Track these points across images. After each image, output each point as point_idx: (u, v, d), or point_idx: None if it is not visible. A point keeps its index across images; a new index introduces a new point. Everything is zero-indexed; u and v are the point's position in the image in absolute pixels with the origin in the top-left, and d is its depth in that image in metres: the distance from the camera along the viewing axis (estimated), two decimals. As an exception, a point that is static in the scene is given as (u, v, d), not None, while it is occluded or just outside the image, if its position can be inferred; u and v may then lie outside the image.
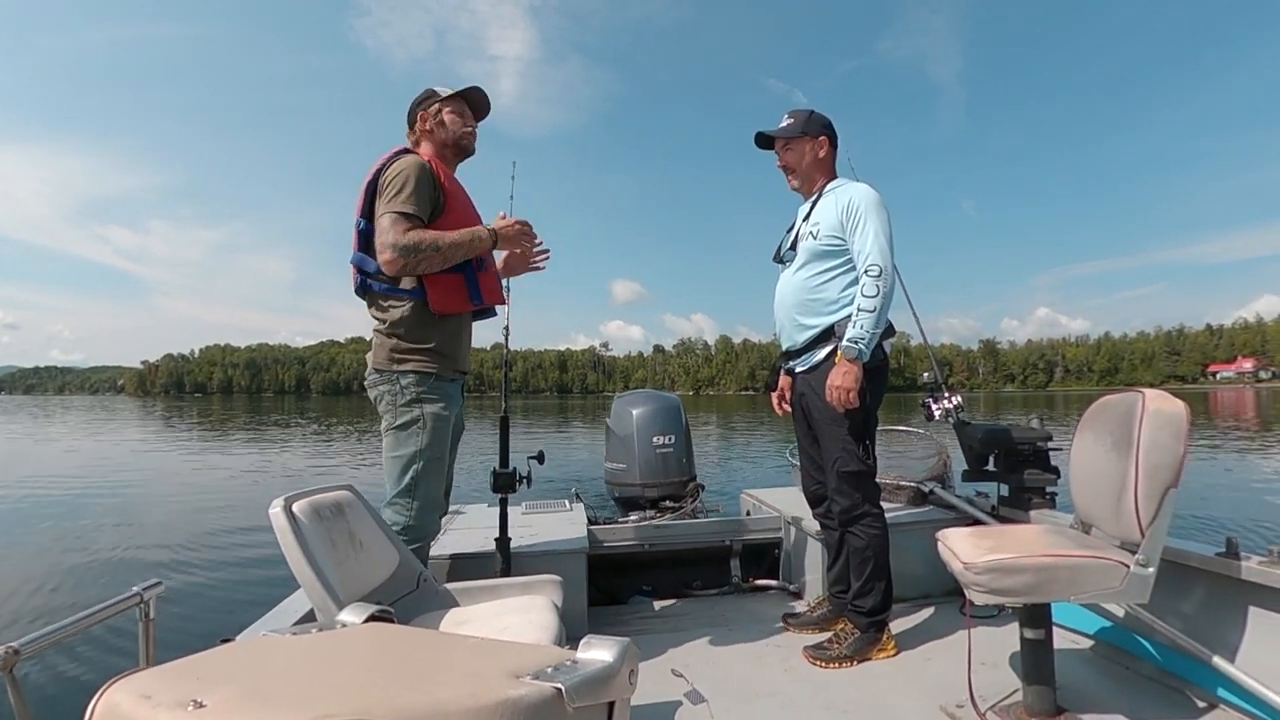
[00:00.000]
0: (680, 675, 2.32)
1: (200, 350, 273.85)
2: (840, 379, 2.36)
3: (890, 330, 2.52)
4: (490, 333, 2.74)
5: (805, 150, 2.66)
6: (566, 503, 3.77)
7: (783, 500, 3.61)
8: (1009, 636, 2.34)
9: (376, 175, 2.18)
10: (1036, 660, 1.96)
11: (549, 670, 0.70)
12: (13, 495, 9.85)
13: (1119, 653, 2.36)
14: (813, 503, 2.81)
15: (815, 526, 2.89)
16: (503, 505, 2.68)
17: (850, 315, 2.41)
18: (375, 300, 2.24)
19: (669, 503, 4.39)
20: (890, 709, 2.09)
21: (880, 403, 2.56)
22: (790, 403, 2.79)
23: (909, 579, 2.94)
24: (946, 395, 3.13)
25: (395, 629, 1.01)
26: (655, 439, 4.50)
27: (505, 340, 2.78)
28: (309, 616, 1.81)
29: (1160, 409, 1.81)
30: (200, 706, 0.62)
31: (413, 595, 1.95)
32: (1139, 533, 1.79)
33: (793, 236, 2.70)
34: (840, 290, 2.51)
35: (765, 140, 2.72)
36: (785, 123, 2.67)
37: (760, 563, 3.53)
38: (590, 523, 3.39)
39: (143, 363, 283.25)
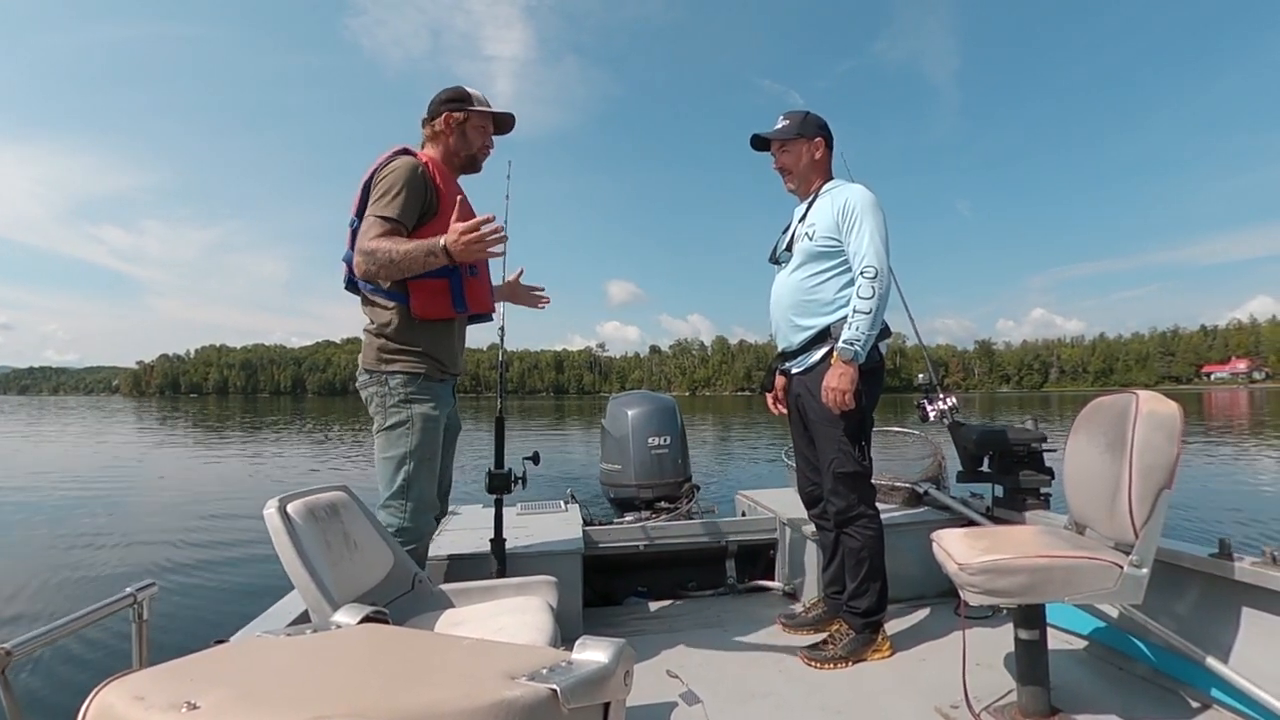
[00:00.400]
0: (675, 676, 2.32)
1: (195, 351, 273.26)
2: (836, 380, 2.36)
3: (886, 331, 2.53)
4: (486, 333, 2.74)
5: (801, 152, 2.65)
6: (562, 503, 3.77)
7: (778, 501, 3.61)
8: (1004, 637, 2.35)
9: (373, 174, 2.16)
10: (1031, 661, 1.96)
11: (544, 671, 0.70)
12: (6, 495, 9.81)
13: (1113, 653, 2.37)
14: (808, 503, 2.81)
15: (811, 527, 2.90)
16: (498, 506, 2.67)
17: (846, 316, 2.42)
18: (364, 299, 2.24)
19: (664, 503, 4.38)
20: (885, 710, 2.10)
21: (876, 404, 2.57)
22: (786, 403, 2.79)
23: (904, 580, 2.94)
24: (941, 396, 3.13)
25: (390, 630, 1.01)
26: (650, 440, 4.50)
27: (501, 341, 2.78)
28: (303, 617, 1.81)
29: (1154, 410, 1.82)
30: (194, 708, 0.61)
31: (407, 596, 1.94)
32: (1133, 534, 1.80)
33: (789, 237, 2.70)
34: (836, 291, 2.51)
35: (761, 142, 2.72)
36: (781, 124, 2.67)
37: (755, 563, 3.53)
38: (585, 523, 3.38)
39: (138, 363, 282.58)
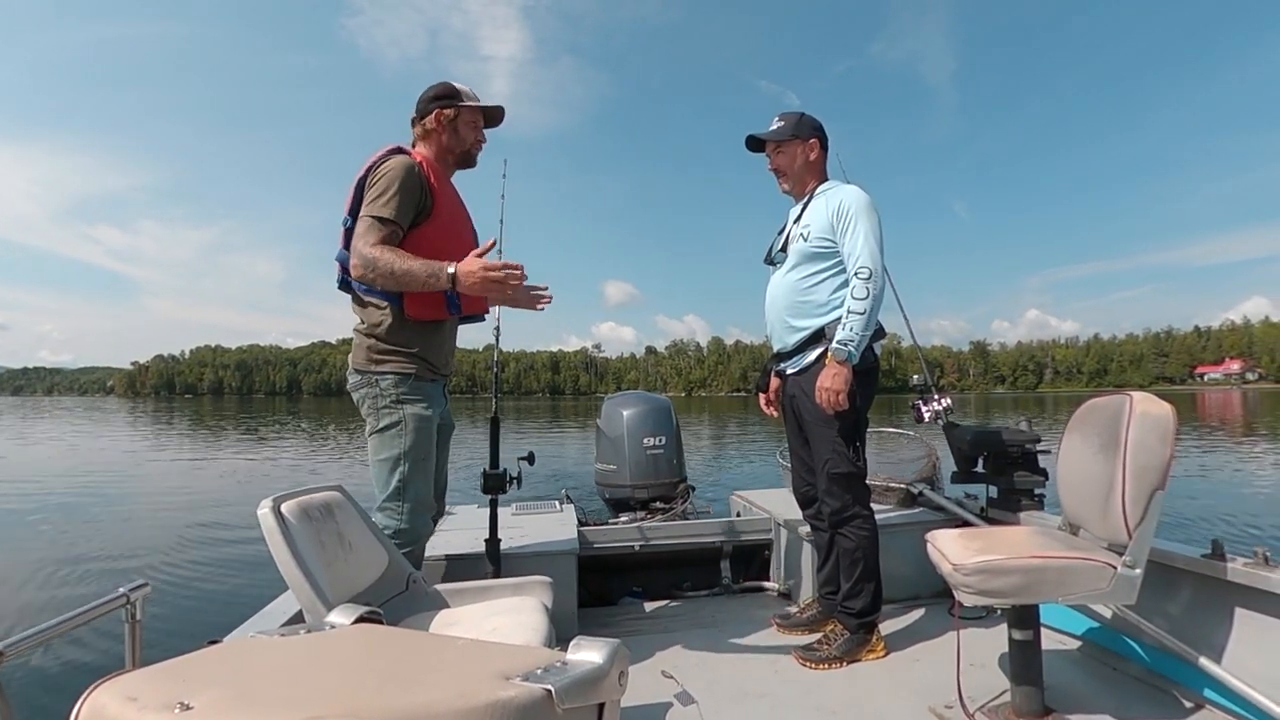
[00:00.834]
0: (670, 677, 2.32)
1: (191, 351, 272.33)
2: (830, 381, 2.36)
3: (881, 332, 2.53)
4: (482, 334, 2.74)
5: (796, 153, 2.66)
6: (557, 504, 3.76)
7: (773, 501, 3.62)
8: (997, 637, 2.36)
9: (367, 173, 2.14)
10: (1025, 661, 1.97)
11: (539, 672, 0.70)
12: (-2, 496, 9.77)
13: (1106, 653, 2.37)
14: (803, 504, 2.81)
15: (805, 528, 2.90)
16: (493, 506, 2.67)
17: (840, 317, 2.42)
18: (356, 299, 2.22)
19: (659, 504, 4.39)
20: (880, 710, 2.10)
21: (870, 405, 2.57)
22: (781, 404, 2.80)
23: (898, 580, 2.95)
24: (936, 397, 3.14)
25: (384, 630, 1.01)
26: (646, 440, 4.50)
27: (496, 341, 2.77)
28: (297, 618, 1.80)
29: (1147, 411, 1.83)
30: (187, 709, 0.61)
31: (402, 596, 1.94)
32: (1126, 534, 1.81)
33: (783, 238, 2.70)
34: (831, 292, 2.52)
35: (756, 143, 2.72)
36: (776, 125, 2.67)
37: (750, 564, 3.54)
38: (580, 524, 3.39)
39: (133, 364, 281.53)
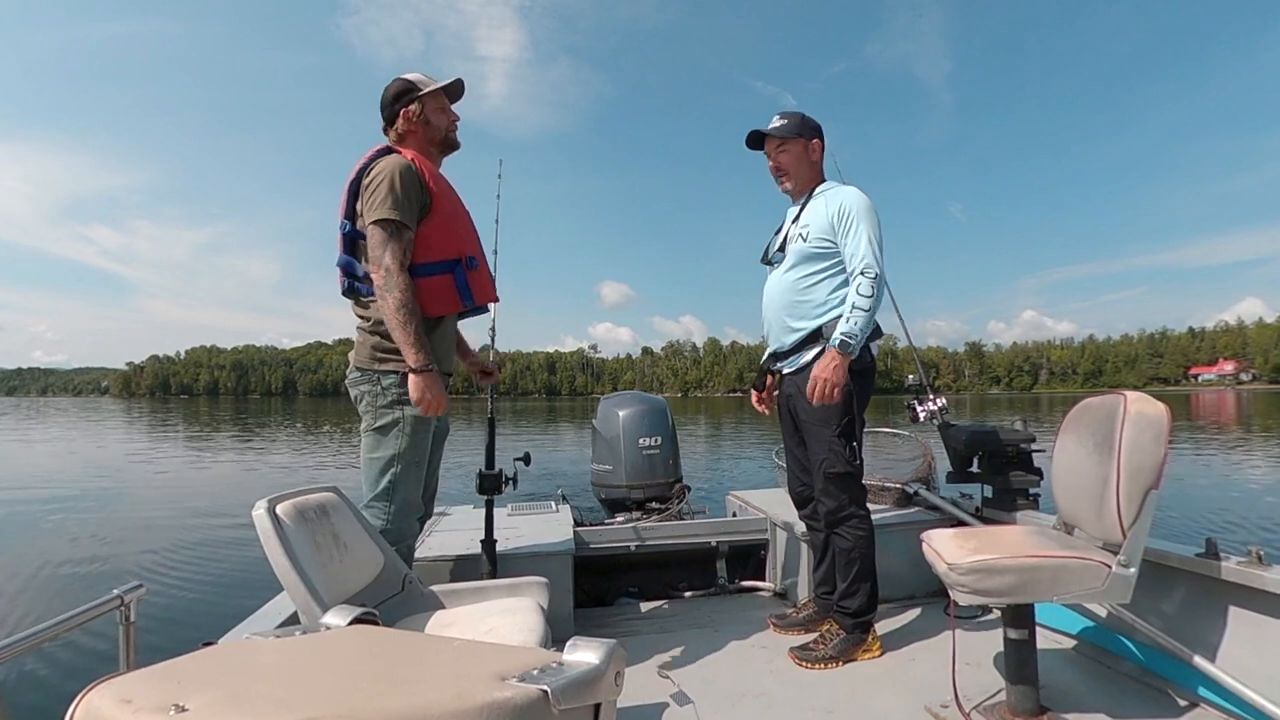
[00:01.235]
0: (666, 677, 2.32)
1: (186, 352, 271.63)
2: (827, 371, 2.34)
3: (878, 332, 2.53)
4: (478, 334, 2.73)
5: (799, 152, 2.64)
6: (553, 504, 3.77)
7: (768, 501, 3.62)
8: (993, 637, 2.36)
9: (359, 175, 2.12)
10: (1020, 660, 1.97)
11: (535, 672, 0.70)
12: (-9, 497, 9.72)
13: (1101, 652, 2.38)
14: (799, 504, 2.81)
15: (801, 528, 2.90)
16: (489, 507, 2.67)
17: (838, 317, 2.41)
18: (361, 300, 2.20)
19: (655, 504, 4.38)
20: (876, 709, 2.10)
21: (867, 404, 2.57)
22: (776, 403, 2.79)
23: (894, 580, 2.95)
24: (931, 398, 3.15)
25: (380, 631, 1.01)
26: (641, 440, 4.50)
27: (491, 342, 2.77)
28: (292, 619, 1.80)
29: (1141, 411, 1.84)
30: (182, 711, 0.61)
31: (398, 597, 1.94)
32: (1121, 533, 1.81)
33: (782, 238, 2.69)
34: (829, 292, 2.51)
35: (756, 140, 2.70)
36: (778, 123, 2.64)
37: (746, 564, 3.54)
38: (576, 524, 3.39)
39: (128, 364, 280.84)
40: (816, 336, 2.52)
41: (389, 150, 2.18)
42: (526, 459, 2.79)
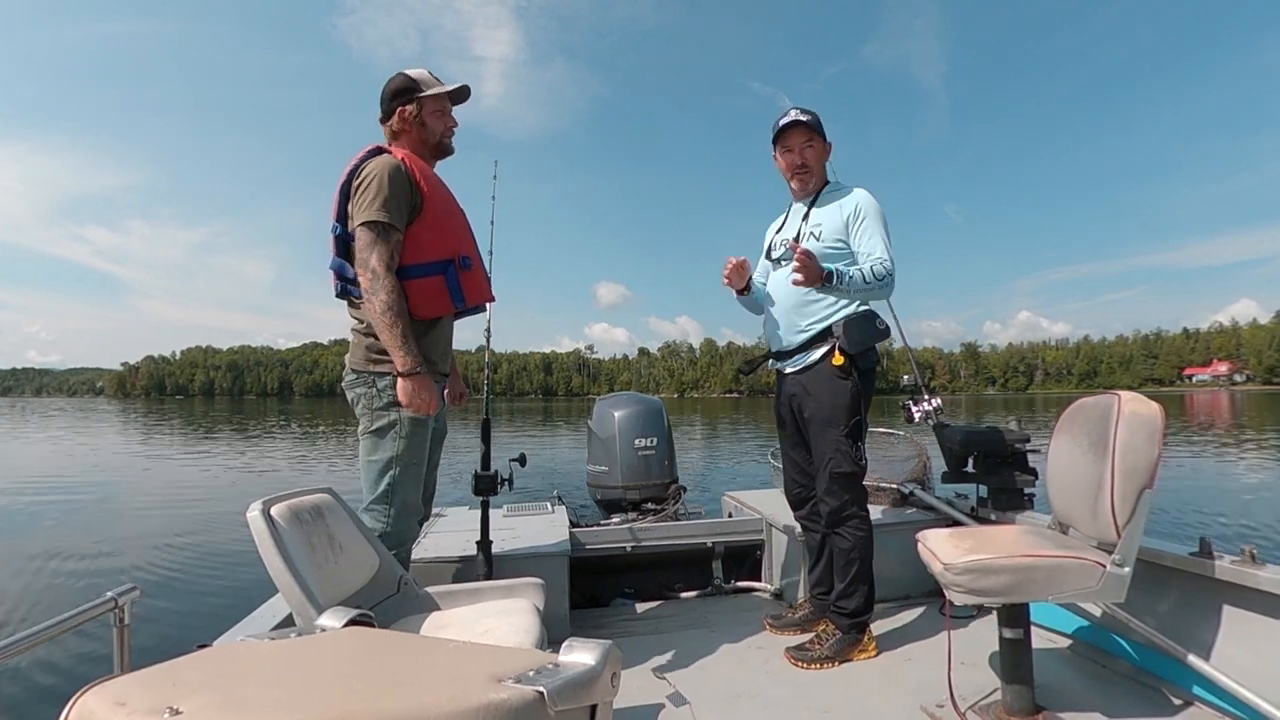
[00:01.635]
0: (662, 678, 2.32)
1: (181, 352, 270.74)
2: (811, 267, 2.27)
3: (885, 333, 2.52)
4: (473, 335, 2.73)
5: (822, 150, 2.63)
6: (548, 505, 3.76)
7: (764, 502, 3.62)
8: (988, 636, 2.36)
9: (350, 177, 2.10)
10: (1015, 660, 1.98)
11: (531, 674, 0.70)
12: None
13: (1096, 652, 2.39)
14: (795, 505, 2.81)
15: (797, 528, 2.90)
16: (484, 508, 2.67)
17: (847, 317, 2.43)
18: (354, 302, 2.18)
19: (651, 505, 4.39)
20: (872, 709, 2.10)
21: (870, 405, 2.56)
22: (776, 404, 2.77)
23: (889, 580, 2.96)
24: (927, 398, 3.15)
25: (375, 633, 1.01)
26: (637, 441, 4.50)
27: (487, 342, 2.77)
28: (287, 621, 1.80)
29: (1136, 411, 1.84)
30: (176, 714, 0.61)
31: (393, 599, 1.94)
32: (1115, 533, 1.82)
33: (793, 235, 2.63)
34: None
35: (782, 131, 2.60)
36: (805, 117, 2.57)
37: (742, 564, 3.54)
38: (572, 525, 3.38)
39: (123, 364, 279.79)
40: (825, 335, 2.50)
41: (380, 150, 2.16)
42: (522, 460, 2.79)
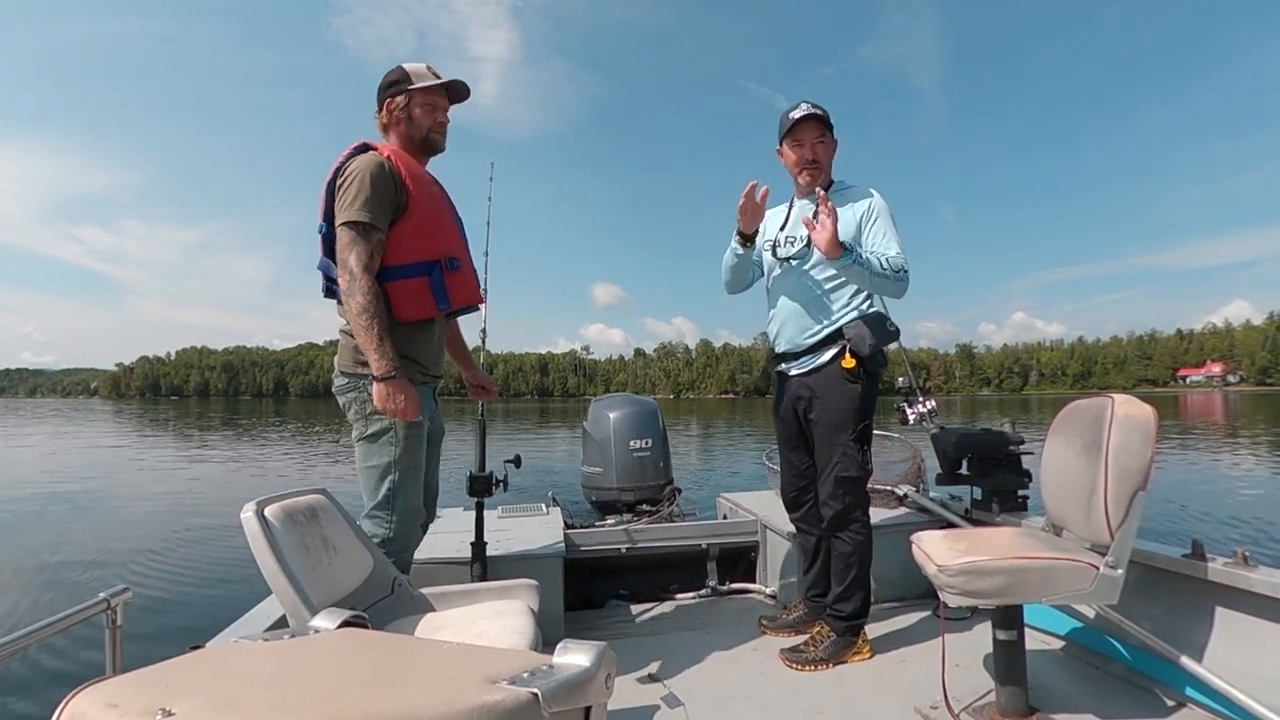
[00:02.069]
0: (657, 679, 2.32)
1: (176, 353, 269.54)
2: (829, 235, 2.23)
3: (896, 334, 2.50)
4: (469, 335, 2.72)
5: (832, 147, 2.61)
6: (543, 506, 3.76)
7: (759, 503, 3.62)
8: (982, 638, 2.37)
9: (335, 175, 2.05)
10: (1009, 661, 1.98)
11: (525, 675, 0.70)
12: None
13: (1090, 653, 2.39)
14: (790, 507, 2.79)
15: (791, 530, 2.90)
16: (479, 509, 2.66)
17: (858, 318, 2.43)
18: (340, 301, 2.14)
19: (646, 506, 4.39)
20: (866, 711, 2.11)
21: (875, 408, 2.55)
22: (777, 404, 2.73)
23: (884, 582, 2.96)
24: (921, 400, 3.16)
25: (369, 635, 1.01)
26: (632, 443, 4.50)
27: (483, 343, 2.77)
28: (281, 622, 1.79)
29: (1129, 414, 1.85)
30: (169, 715, 0.61)
31: (387, 600, 1.93)
32: (1108, 535, 1.82)
33: (803, 234, 2.54)
34: (852, 294, 2.50)
35: (793, 125, 2.54)
36: (818, 112, 2.52)
37: (737, 566, 3.54)
38: (567, 526, 3.38)
39: (117, 365, 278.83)
40: (836, 336, 2.48)
41: (366, 148, 2.11)
42: (517, 461, 2.79)
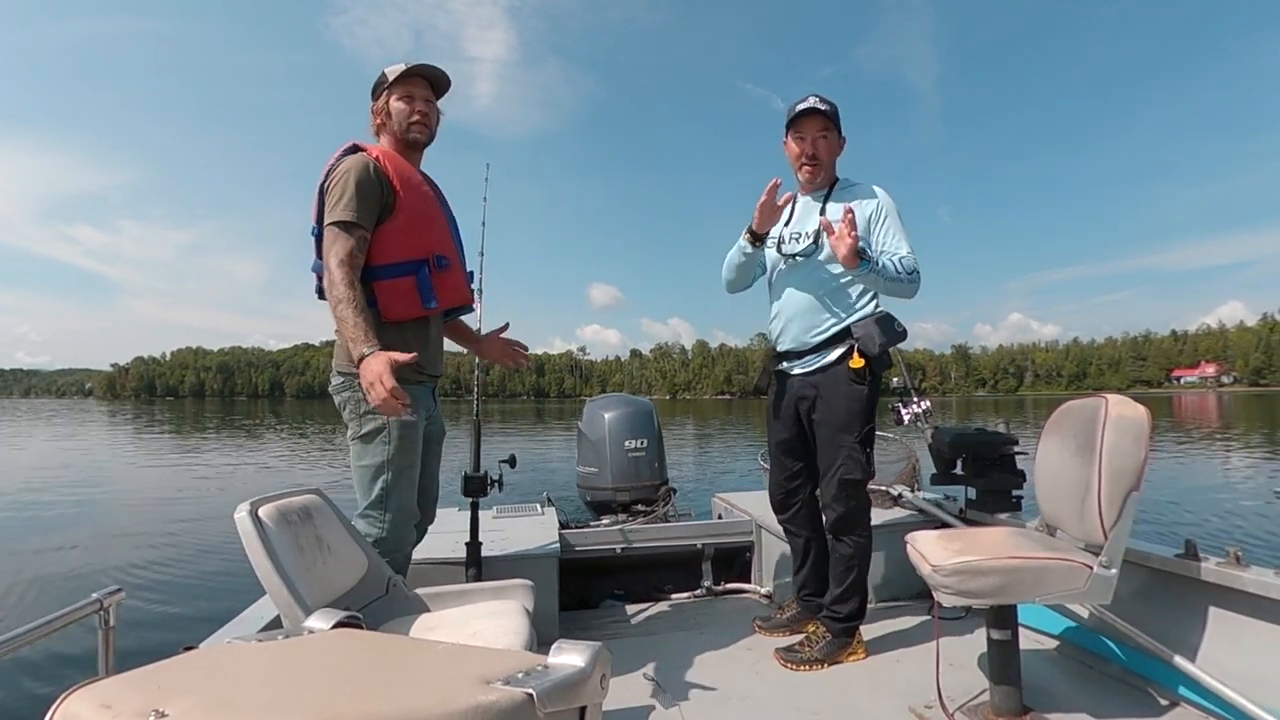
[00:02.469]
0: (652, 679, 2.32)
1: (172, 353, 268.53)
2: (849, 242, 2.21)
3: (903, 334, 2.48)
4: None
5: (836, 143, 2.58)
6: (538, 506, 3.76)
7: (754, 503, 3.62)
8: (976, 638, 2.38)
9: (325, 178, 2.07)
10: (1003, 661, 1.99)
11: (520, 676, 0.70)
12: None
13: (1083, 653, 2.40)
14: (779, 509, 2.74)
15: (788, 529, 2.90)
16: (474, 509, 2.66)
17: (866, 317, 2.42)
18: None
19: (641, 506, 4.39)
20: (861, 710, 2.11)
21: (877, 409, 2.54)
22: (776, 404, 2.68)
23: (878, 582, 2.97)
24: (916, 400, 3.16)
25: (363, 635, 1.00)
26: (627, 443, 4.50)
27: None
28: (275, 623, 1.78)
29: (1122, 414, 1.86)
30: (162, 716, 0.61)
31: (382, 601, 1.93)
32: (1102, 535, 1.83)
33: (812, 230, 2.51)
34: (860, 292, 2.48)
35: (796, 119, 2.52)
36: (823, 106, 2.50)
37: (732, 566, 3.54)
38: (562, 527, 3.38)
39: (112, 365, 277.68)
40: (844, 335, 2.46)
41: (355, 149, 2.12)
42: (512, 461, 2.78)
